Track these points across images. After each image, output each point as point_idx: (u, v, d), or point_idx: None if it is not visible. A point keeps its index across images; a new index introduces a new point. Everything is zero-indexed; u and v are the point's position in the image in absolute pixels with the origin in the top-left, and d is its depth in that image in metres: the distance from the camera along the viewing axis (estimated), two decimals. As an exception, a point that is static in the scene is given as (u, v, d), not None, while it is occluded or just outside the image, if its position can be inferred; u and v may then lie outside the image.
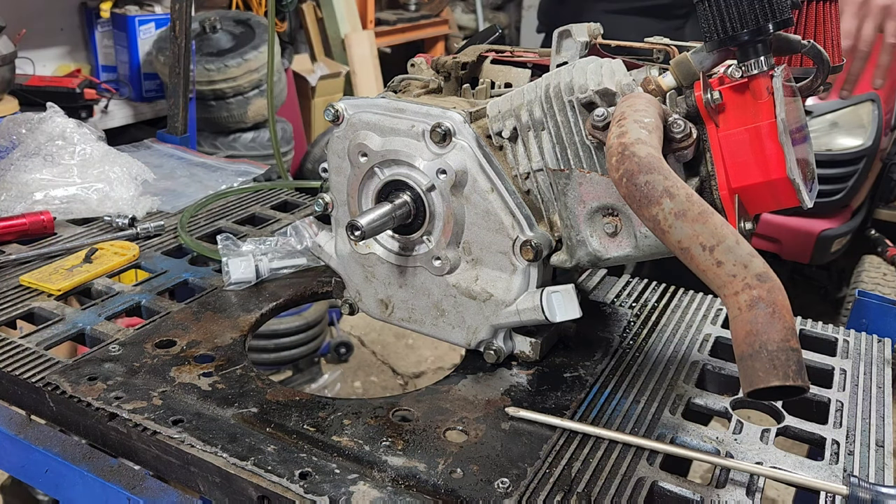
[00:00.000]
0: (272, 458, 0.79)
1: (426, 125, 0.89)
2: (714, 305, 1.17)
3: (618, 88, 0.84)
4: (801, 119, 0.84)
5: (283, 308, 1.13)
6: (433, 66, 1.03)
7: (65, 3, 2.99)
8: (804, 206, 0.79)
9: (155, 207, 1.44)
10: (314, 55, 4.51)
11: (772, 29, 0.74)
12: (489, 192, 0.89)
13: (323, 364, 3.31)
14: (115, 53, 3.03)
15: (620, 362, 1.00)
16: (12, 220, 1.28)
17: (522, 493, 0.76)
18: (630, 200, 0.70)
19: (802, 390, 0.60)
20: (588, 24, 0.94)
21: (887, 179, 3.61)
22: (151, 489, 0.87)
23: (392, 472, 0.78)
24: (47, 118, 1.48)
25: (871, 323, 1.17)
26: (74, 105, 2.60)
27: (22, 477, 1.02)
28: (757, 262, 0.63)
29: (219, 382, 0.91)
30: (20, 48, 2.57)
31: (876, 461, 0.86)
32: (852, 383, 1.00)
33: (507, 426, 0.86)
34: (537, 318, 0.89)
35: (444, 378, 0.95)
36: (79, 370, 0.92)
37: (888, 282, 3.19)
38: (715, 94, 0.78)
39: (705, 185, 0.81)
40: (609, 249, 0.87)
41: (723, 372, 1.01)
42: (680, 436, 0.87)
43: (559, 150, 0.87)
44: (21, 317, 1.08)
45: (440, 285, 0.95)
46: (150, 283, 1.17)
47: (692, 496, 0.78)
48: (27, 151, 1.43)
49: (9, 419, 0.96)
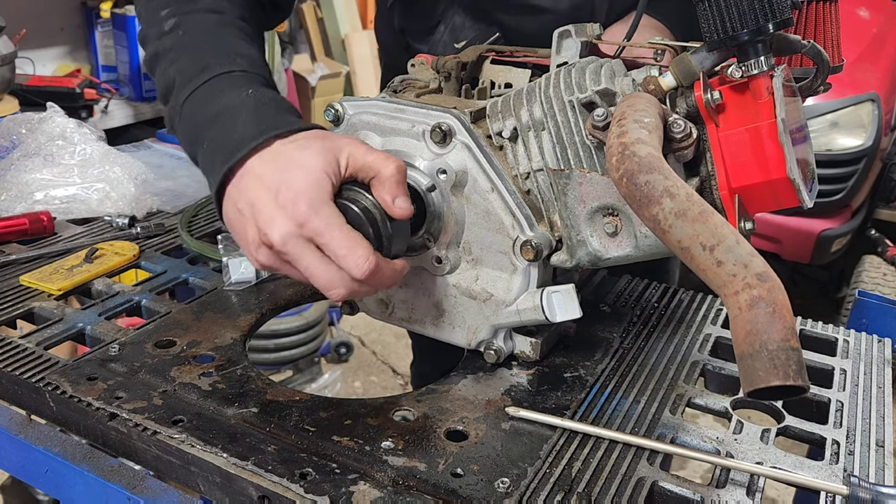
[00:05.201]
0: (272, 458, 0.79)
1: (426, 125, 0.89)
2: (714, 305, 1.17)
3: (618, 88, 0.84)
4: (801, 119, 0.84)
5: (283, 308, 1.13)
6: (433, 66, 1.03)
7: (65, 3, 2.99)
8: (804, 206, 0.79)
9: (155, 207, 1.43)
10: (314, 55, 4.51)
11: (772, 29, 0.74)
12: (489, 192, 0.89)
13: (323, 364, 3.31)
14: (115, 53, 3.03)
15: (620, 362, 1.00)
16: (12, 220, 1.28)
17: (523, 492, 0.76)
18: (630, 200, 0.70)
19: (803, 390, 0.60)
20: (588, 24, 0.94)
21: (887, 179, 3.61)
22: (151, 489, 0.86)
23: (392, 472, 0.78)
24: (47, 118, 1.48)
25: (871, 323, 1.17)
26: (74, 105, 2.61)
27: (22, 477, 1.02)
28: (757, 261, 0.63)
29: (219, 382, 0.91)
30: (20, 48, 2.57)
31: (876, 461, 0.86)
32: (852, 383, 1.00)
33: (507, 426, 0.86)
34: (537, 318, 0.89)
35: (444, 378, 0.95)
36: (79, 370, 0.92)
37: (888, 282, 3.19)
38: (715, 94, 0.78)
39: (705, 184, 0.81)
40: (609, 249, 0.87)
41: (723, 372, 1.01)
42: (680, 436, 0.87)
43: (559, 150, 0.87)
44: (21, 317, 1.08)
45: (440, 285, 0.95)
46: (150, 283, 1.17)
47: (692, 496, 0.78)
48: (27, 151, 1.43)
49: (9, 419, 0.96)
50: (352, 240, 0.78)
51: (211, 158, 0.88)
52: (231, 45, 0.96)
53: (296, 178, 0.79)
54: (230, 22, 1.00)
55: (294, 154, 0.82)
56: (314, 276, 0.80)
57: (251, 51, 0.97)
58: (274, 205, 0.79)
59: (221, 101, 0.89)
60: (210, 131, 0.89)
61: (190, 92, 0.92)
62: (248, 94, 0.89)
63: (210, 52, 0.94)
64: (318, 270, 0.80)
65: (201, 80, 0.92)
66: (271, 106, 0.89)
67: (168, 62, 0.97)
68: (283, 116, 0.88)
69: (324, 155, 0.81)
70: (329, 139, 0.84)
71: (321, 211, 0.78)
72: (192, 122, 0.92)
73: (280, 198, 0.79)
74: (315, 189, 0.79)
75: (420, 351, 1.84)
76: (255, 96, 0.89)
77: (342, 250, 0.78)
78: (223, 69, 0.92)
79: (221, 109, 0.89)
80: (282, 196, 0.79)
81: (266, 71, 0.98)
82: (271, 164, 0.82)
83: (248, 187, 0.83)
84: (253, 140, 0.84)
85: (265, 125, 0.85)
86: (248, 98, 0.89)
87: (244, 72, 0.92)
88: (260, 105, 0.88)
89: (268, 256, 0.82)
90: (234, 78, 0.92)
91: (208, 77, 0.92)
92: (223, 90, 0.90)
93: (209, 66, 0.92)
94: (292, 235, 0.79)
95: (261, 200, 0.81)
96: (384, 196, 0.81)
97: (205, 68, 0.92)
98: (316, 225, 0.78)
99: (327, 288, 0.80)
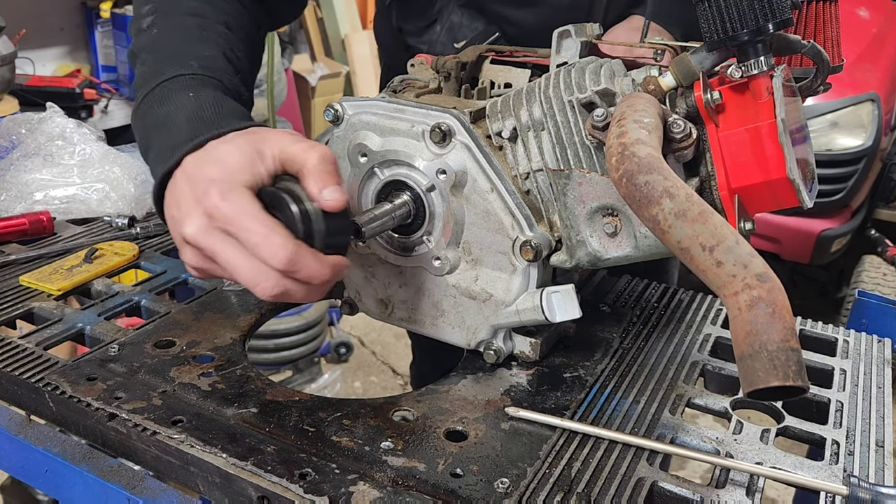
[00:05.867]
0: (272, 458, 0.79)
1: (426, 125, 0.89)
2: (714, 305, 1.17)
3: (618, 88, 0.84)
4: (801, 119, 0.84)
5: (283, 308, 1.13)
6: (433, 66, 1.03)
7: (65, 3, 2.99)
8: (804, 206, 0.79)
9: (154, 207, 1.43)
10: (314, 55, 4.51)
11: (772, 29, 0.74)
12: (489, 192, 0.89)
13: (323, 364, 3.31)
14: (115, 53, 3.03)
15: (620, 362, 1.00)
16: (12, 220, 1.28)
17: (522, 493, 0.76)
18: (630, 200, 0.70)
19: (802, 390, 0.60)
20: (588, 24, 0.94)
21: (887, 179, 3.61)
22: (151, 489, 0.87)
23: (392, 472, 0.78)
24: (47, 118, 1.48)
25: (871, 323, 1.17)
26: (74, 105, 2.61)
27: (22, 477, 1.02)
28: (757, 262, 0.63)
29: (219, 382, 0.91)
30: (20, 48, 2.57)
31: (876, 461, 0.86)
32: (852, 383, 1.00)
33: (506, 426, 0.86)
34: (537, 318, 0.89)
35: (444, 378, 0.95)
36: (78, 370, 0.92)
37: (888, 282, 3.19)
38: (715, 94, 0.78)
39: (705, 185, 0.81)
40: (609, 249, 0.87)
41: (723, 372, 1.01)
42: (680, 436, 0.87)
43: (559, 150, 0.87)
44: (21, 317, 1.08)
45: (440, 285, 0.95)
46: (150, 283, 1.17)
47: (692, 496, 0.78)
48: (27, 151, 1.43)
49: (9, 419, 0.96)
50: (266, 227, 0.74)
51: (155, 165, 0.87)
52: (193, 49, 0.95)
53: (211, 171, 0.77)
54: (206, 26, 0.99)
55: (216, 150, 0.80)
56: (236, 271, 0.76)
57: (214, 53, 0.96)
58: (192, 198, 0.77)
59: (166, 106, 0.88)
60: (154, 137, 0.88)
61: (143, 97, 0.92)
62: (188, 98, 0.88)
63: (169, 56, 0.94)
64: (239, 263, 0.75)
65: (152, 84, 0.91)
66: (211, 109, 0.87)
67: (140, 63, 0.97)
68: (221, 119, 0.86)
69: (244, 147, 0.79)
70: (256, 133, 0.82)
71: (230, 197, 0.74)
72: (143, 128, 0.91)
73: (196, 191, 0.77)
74: (227, 178, 0.76)
75: (419, 351, 1.84)
76: (197, 100, 0.88)
77: (256, 237, 0.73)
78: (174, 73, 0.91)
79: (165, 115, 0.87)
80: (197, 189, 0.77)
81: (229, 67, 0.96)
82: (196, 161, 0.81)
83: (175, 186, 0.81)
84: (186, 143, 0.82)
85: (201, 128, 0.84)
86: (188, 101, 0.87)
87: (194, 75, 0.91)
88: (199, 108, 0.87)
89: (192, 255, 0.79)
90: (182, 81, 0.90)
91: (159, 81, 0.91)
92: (170, 95, 0.89)
93: (163, 70, 0.92)
94: (204, 227, 0.75)
95: (184, 197, 0.78)
96: (311, 188, 0.77)
97: (158, 73, 0.92)
98: (225, 212, 0.74)
99: (252, 283, 0.76)
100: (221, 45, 0.98)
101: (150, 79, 0.93)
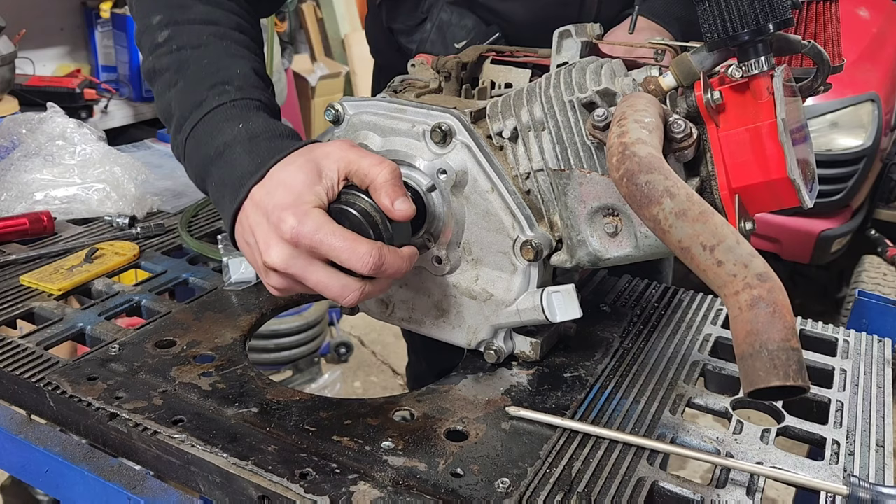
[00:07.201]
0: (272, 458, 0.79)
1: (426, 125, 0.89)
2: (714, 305, 1.17)
3: (618, 88, 0.84)
4: (801, 119, 0.84)
5: (283, 308, 1.13)
6: (434, 66, 1.03)
7: (65, 3, 2.99)
8: (804, 206, 0.79)
9: (155, 207, 1.43)
10: (314, 55, 4.51)
11: (772, 29, 0.74)
12: (489, 192, 0.89)
13: (323, 364, 3.31)
14: (115, 53, 3.02)
15: (620, 362, 1.00)
16: (12, 220, 1.28)
17: (523, 492, 0.76)
18: (630, 200, 0.70)
19: (803, 390, 0.60)
20: (588, 24, 0.94)
21: (887, 179, 3.61)
22: (152, 489, 0.87)
23: (392, 472, 0.78)
24: (47, 118, 1.48)
25: (871, 323, 1.17)
26: (74, 105, 2.60)
27: (22, 477, 1.02)
28: (757, 261, 0.63)
29: (219, 382, 0.91)
30: (20, 48, 2.57)
31: (876, 461, 0.86)
32: (852, 383, 1.00)
33: (507, 426, 0.86)
34: (537, 318, 0.89)
35: (444, 378, 0.95)
36: (79, 370, 0.92)
37: (888, 282, 3.19)
38: (715, 94, 0.78)
39: (705, 184, 0.81)
40: (609, 249, 0.87)
41: (723, 372, 1.01)
42: (680, 435, 0.87)
43: (559, 150, 0.87)
44: (21, 317, 1.08)
45: (440, 285, 0.95)
46: (150, 283, 1.17)
47: (692, 496, 0.78)
48: (27, 151, 1.43)
49: (9, 419, 0.96)
50: (350, 240, 0.78)
51: (220, 196, 0.90)
52: (225, 69, 0.96)
53: (280, 198, 0.81)
54: (224, 34, 0.99)
55: (279, 174, 0.83)
56: (325, 289, 0.81)
57: (245, 71, 0.97)
58: (268, 227, 0.81)
59: (219, 138, 0.90)
60: (213, 170, 0.91)
61: (190, 129, 0.93)
62: (239, 129, 0.90)
63: (204, 82, 0.94)
64: (328, 281, 0.80)
65: (198, 116, 0.93)
66: (264, 136, 0.90)
67: (164, 84, 0.98)
68: (276, 142, 0.89)
69: (306, 167, 0.82)
70: (315, 150, 0.85)
71: (306, 221, 0.78)
72: (197, 161, 0.93)
73: (271, 219, 0.81)
74: (298, 201, 0.80)
75: (415, 353, 1.84)
76: (247, 130, 0.90)
77: (343, 252, 0.78)
78: (217, 102, 0.93)
79: (220, 147, 0.90)
80: (272, 217, 0.80)
81: (260, 83, 0.98)
82: (262, 190, 0.84)
83: (248, 215, 0.85)
84: (252, 175, 0.85)
85: (261, 158, 0.86)
86: (239, 133, 0.90)
87: (234, 101, 0.93)
88: (253, 137, 0.89)
89: (278, 280, 0.83)
90: (226, 111, 0.92)
91: (204, 113, 0.92)
92: (220, 126, 0.91)
93: (204, 100, 0.93)
94: (291, 256, 0.80)
95: (259, 226, 0.82)
96: (383, 201, 0.82)
97: (200, 103, 0.93)
98: (307, 235, 0.78)
99: (341, 297, 0.81)
100: (247, 58, 0.99)
101: (190, 108, 0.94)
